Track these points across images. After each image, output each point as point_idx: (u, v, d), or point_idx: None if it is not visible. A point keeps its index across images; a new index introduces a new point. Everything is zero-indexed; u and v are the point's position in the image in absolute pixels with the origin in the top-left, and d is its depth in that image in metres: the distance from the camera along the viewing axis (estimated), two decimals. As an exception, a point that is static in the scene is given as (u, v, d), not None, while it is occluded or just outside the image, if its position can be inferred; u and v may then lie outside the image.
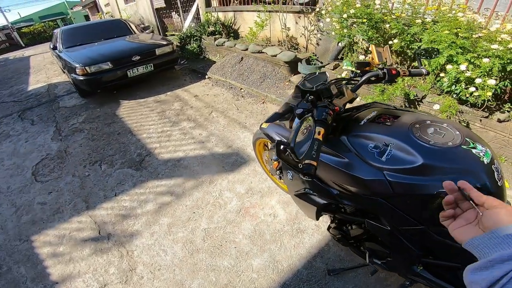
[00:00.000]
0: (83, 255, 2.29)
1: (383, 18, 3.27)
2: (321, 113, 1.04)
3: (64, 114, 5.13)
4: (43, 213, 2.82)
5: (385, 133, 1.11)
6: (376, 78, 1.39)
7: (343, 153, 1.18)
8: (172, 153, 3.47)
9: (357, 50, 3.91)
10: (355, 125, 1.24)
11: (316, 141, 0.91)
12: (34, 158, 3.86)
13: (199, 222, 2.46)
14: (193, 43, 6.79)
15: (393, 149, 1.05)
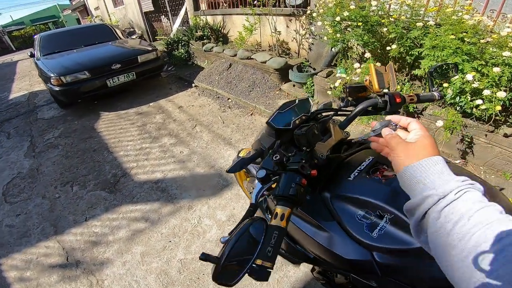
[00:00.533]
0: (51, 282, 2.22)
1: (380, 21, 3.04)
2: (288, 185, 0.76)
3: (41, 127, 4.93)
4: (10, 236, 2.72)
5: (382, 197, 0.85)
6: (374, 108, 1.07)
7: (322, 221, 0.92)
8: (150, 174, 3.27)
9: (352, 56, 3.71)
10: (342, 180, 0.96)
11: (275, 231, 0.67)
12: (6, 177, 3.68)
13: (175, 252, 2.30)
14: (181, 48, 6.60)
15: (389, 222, 0.81)
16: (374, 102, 1.03)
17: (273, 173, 0.84)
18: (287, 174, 0.79)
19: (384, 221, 0.81)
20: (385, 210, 0.82)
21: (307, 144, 0.89)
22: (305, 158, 0.86)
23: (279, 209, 0.71)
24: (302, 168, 0.79)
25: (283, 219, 0.69)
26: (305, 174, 0.79)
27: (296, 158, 0.85)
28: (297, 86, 4.41)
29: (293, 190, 0.75)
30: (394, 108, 1.02)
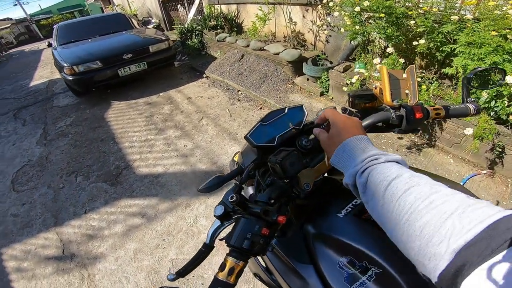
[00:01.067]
0: (46, 273, 2.21)
1: (407, 13, 2.71)
2: (243, 235, 0.61)
3: (55, 114, 4.96)
4: (14, 226, 2.73)
5: (373, 245, 0.67)
6: (385, 124, 0.84)
7: (298, 264, 0.75)
8: (151, 167, 3.17)
9: (373, 50, 3.40)
10: (331, 215, 0.78)
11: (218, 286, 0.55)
12: (17, 164, 3.71)
13: (168, 251, 2.21)
14: (194, 38, 6.43)
15: (374, 277, 0.63)
16: (385, 116, 0.81)
17: (233, 211, 0.67)
18: (244, 220, 0.62)
19: (369, 275, 0.62)
20: (374, 262, 0.63)
21: (283, 175, 0.69)
22: (277, 194, 0.67)
23: (230, 261, 0.58)
24: (265, 214, 0.61)
25: (232, 274, 0.57)
26: (269, 221, 0.62)
27: (264, 196, 0.66)
28: (311, 80, 4.15)
29: (248, 242, 0.59)
30: (412, 125, 0.79)
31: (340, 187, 0.85)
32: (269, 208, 0.63)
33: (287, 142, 0.78)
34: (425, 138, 2.77)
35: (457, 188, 0.76)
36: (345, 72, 3.55)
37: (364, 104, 0.86)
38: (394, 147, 2.77)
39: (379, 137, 2.94)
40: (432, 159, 2.58)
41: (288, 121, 0.79)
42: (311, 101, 3.88)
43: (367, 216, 0.71)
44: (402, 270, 0.60)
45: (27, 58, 11.44)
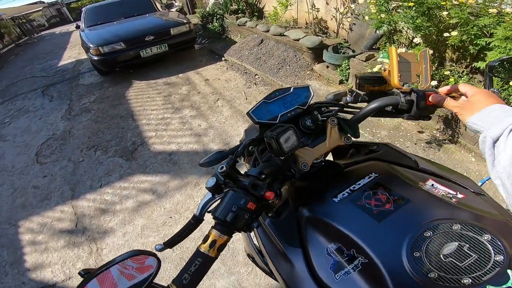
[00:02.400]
0: (57, 246, 2.22)
1: (441, 4, 2.48)
2: (228, 207, 0.58)
3: (80, 92, 5.02)
4: (34, 198, 2.76)
5: (363, 233, 0.62)
6: (394, 109, 0.78)
7: (288, 247, 0.70)
8: (166, 144, 3.13)
9: (399, 40, 3.15)
10: (326, 199, 0.73)
11: (198, 258, 0.55)
12: (42, 137, 3.79)
13: (174, 228, 2.17)
14: (215, 22, 6.28)
15: (360, 266, 0.58)
16: (394, 100, 0.74)
17: (224, 184, 0.64)
18: (232, 193, 0.60)
19: (355, 264, 0.58)
20: (361, 251, 0.59)
21: (278, 151, 0.66)
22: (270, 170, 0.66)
23: (213, 233, 0.57)
24: (253, 187, 0.60)
25: (213, 247, 0.56)
26: (256, 195, 0.60)
27: (255, 170, 0.65)
28: (331, 68, 3.93)
29: (231, 216, 0.57)
30: (422, 112, 0.72)
31: (341, 171, 0.80)
32: (257, 182, 0.61)
33: (290, 121, 0.74)
34: (447, 133, 2.55)
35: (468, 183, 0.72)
36: (367, 61, 3.33)
37: (372, 87, 0.80)
38: (413, 140, 2.58)
39: (399, 129, 2.74)
40: (452, 156, 2.38)
41: (293, 100, 0.77)
42: (329, 89, 3.69)
43: (361, 203, 0.67)
44: (389, 262, 0.55)
45: (57, 39, 11.65)
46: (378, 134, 2.72)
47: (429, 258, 0.53)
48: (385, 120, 2.85)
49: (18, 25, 14.97)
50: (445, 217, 0.59)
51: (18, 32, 14.37)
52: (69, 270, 2.02)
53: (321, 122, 0.78)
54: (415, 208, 0.63)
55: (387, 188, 0.69)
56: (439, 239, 0.55)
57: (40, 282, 1.98)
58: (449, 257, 0.53)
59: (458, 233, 0.55)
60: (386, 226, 0.61)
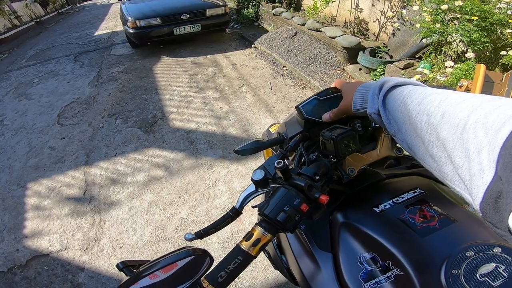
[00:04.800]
0: (60, 214, 2.14)
1: (506, 21, 2.26)
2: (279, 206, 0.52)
3: (110, 61, 4.98)
4: (48, 159, 2.71)
5: (404, 247, 0.58)
6: None
7: (317, 250, 0.66)
8: (185, 122, 3.01)
9: (447, 52, 2.87)
10: (366, 208, 0.67)
11: (239, 256, 0.50)
12: (66, 99, 3.77)
13: (180, 209, 2.06)
14: (251, 8, 6.07)
15: (393, 278, 0.55)
16: None
17: (273, 179, 0.60)
18: (285, 190, 0.54)
19: (387, 276, 0.55)
20: (398, 264, 0.56)
21: (333, 153, 0.61)
22: (323, 170, 0.60)
23: (257, 231, 0.53)
24: (308, 189, 0.54)
25: (256, 246, 0.51)
26: (311, 197, 0.54)
27: (310, 170, 0.59)
28: (364, 71, 3.67)
29: (283, 216, 0.52)
30: None
31: (381, 181, 0.75)
32: (314, 184, 0.55)
33: (338, 122, 0.68)
34: None
35: None
36: (405, 69, 3.07)
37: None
38: None
39: None
40: None
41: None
42: (358, 90, 3.44)
43: (404, 218, 0.63)
44: (425, 277, 0.54)
45: (97, 10, 11.75)
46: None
47: (466, 277, 0.52)
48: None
49: (63, -7, 15.26)
50: (488, 239, 0.58)
51: (62, 1, 14.64)
52: (66, 240, 1.94)
53: (371, 129, 0.72)
54: (461, 228, 0.61)
55: (432, 206, 0.65)
56: (479, 260, 0.54)
57: (35, 250, 1.89)
58: (484, 276, 0.52)
59: (498, 256, 0.55)
60: (428, 243, 0.58)
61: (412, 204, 0.66)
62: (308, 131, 0.70)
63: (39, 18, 10.67)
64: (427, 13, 2.73)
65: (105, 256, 1.82)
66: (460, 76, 2.31)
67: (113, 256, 1.81)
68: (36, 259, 1.85)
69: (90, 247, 1.88)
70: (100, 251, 1.85)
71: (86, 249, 1.87)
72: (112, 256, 1.81)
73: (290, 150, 0.66)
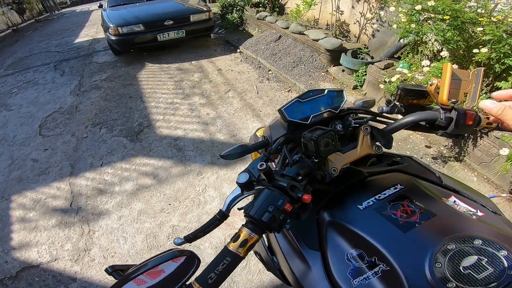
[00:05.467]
0: (48, 225, 2.12)
1: (476, 19, 2.37)
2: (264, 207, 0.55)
3: (92, 69, 4.94)
4: (31, 171, 2.67)
5: (388, 242, 0.61)
6: (429, 125, 0.76)
7: (306, 249, 0.69)
8: (172, 129, 3.02)
9: (423, 52, 3.00)
10: (350, 205, 0.71)
11: (227, 257, 0.52)
12: (48, 110, 3.72)
13: (171, 216, 2.07)
14: (235, 13, 6.15)
15: (380, 273, 0.58)
16: (433, 116, 0.72)
17: (257, 182, 0.63)
18: (268, 191, 0.57)
19: (375, 271, 0.58)
20: (384, 259, 0.59)
21: (315, 153, 0.64)
22: (305, 171, 0.63)
23: (244, 232, 0.54)
24: (291, 189, 0.57)
25: (244, 246, 0.53)
26: (294, 197, 0.56)
27: (292, 171, 0.61)
28: (347, 72, 3.79)
29: (268, 216, 0.54)
30: (459, 130, 0.71)
31: (364, 179, 0.78)
32: (296, 184, 0.58)
33: (320, 123, 0.72)
34: (454, 151, 2.43)
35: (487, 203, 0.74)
36: (385, 69, 3.20)
37: (411, 100, 0.78)
38: (419, 154, 2.44)
39: (407, 141, 2.61)
40: (455, 174, 2.26)
41: (326, 103, 0.75)
42: (343, 91, 3.55)
43: (387, 213, 0.66)
44: (410, 271, 0.56)
45: (77, 17, 11.58)
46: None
47: (449, 269, 0.55)
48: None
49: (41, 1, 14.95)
50: (468, 232, 0.61)
51: (40, 8, 14.35)
52: (56, 251, 1.92)
53: (351, 129, 0.76)
54: (441, 221, 0.64)
55: (413, 201, 0.68)
56: (461, 252, 0.57)
57: (24, 261, 1.88)
58: (467, 269, 0.55)
59: (479, 248, 0.58)
60: (411, 237, 0.61)
61: (394, 200, 0.69)
62: (291, 133, 0.73)
63: (16, 25, 10.43)
64: (403, 13, 2.85)
65: (97, 265, 1.82)
66: (437, 75, 2.43)
67: (105, 265, 1.79)
68: (27, 270, 1.84)
69: (81, 257, 1.87)
70: (91, 261, 1.84)
71: (77, 259, 1.86)
72: (104, 266, 1.81)
73: (273, 152, 0.69)
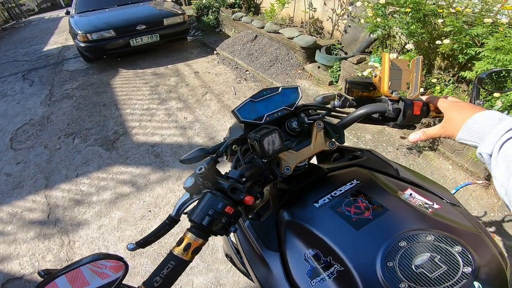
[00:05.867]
0: (27, 238, 2.10)
1: (437, 11, 2.45)
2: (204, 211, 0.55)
3: (63, 78, 4.80)
4: (5, 186, 2.60)
5: (340, 241, 0.62)
6: (381, 117, 0.76)
7: (266, 251, 0.67)
8: (149, 136, 2.99)
9: (392, 45, 3.11)
10: (307, 204, 0.71)
11: (171, 261, 0.52)
12: (18, 122, 3.59)
13: (152, 223, 2.06)
14: (211, 14, 6.14)
15: (335, 274, 0.57)
16: (382, 108, 0.73)
17: (203, 185, 0.60)
18: (209, 195, 0.57)
19: (330, 271, 0.57)
20: (338, 259, 0.59)
21: (261, 154, 0.63)
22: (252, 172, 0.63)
23: (188, 236, 0.55)
24: (232, 191, 0.58)
25: (188, 251, 0.53)
26: (236, 199, 0.57)
27: (235, 173, 0.62)
28: (322, 69, 3.87)
29: (208, 219, 0.54)
30: (408, 121, 0.71)
31: (323, 176, 0.78)
32: (237, 186, 0.58)
33: (276, 122, 0.73)
34: (428, 141, 2.53)
35: (445, 194, 0.73)
36: (358, 64, 3.29)
37: (361, 92, 0.79)
38: (395, 145, 2.53)
39: (382, 133, 2.70)
40: (430, 163, 2.35)
41: (280, 101, 0.75)
42: (318, 89, 3.63)
43: (341, 210, 0.66)
44: (363, 271, 0.55)
45: (45, 24, 11.17)
46: (362, 137, 2.66)
47: (402, 268, 0.54)
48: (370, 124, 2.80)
49: (6, 9, 14.34)
50: (420, 227, 0.59)
51: (6, 16, 13.75)
52: (38, 262, 1.91)
53: (307, 125, 0.76)
54: (393, 217, 0.63)
55: (367, 196, 0.68)
56: (413, 250, 0.56)
57: (7, 274, 1.87)
58: (420, 267, 0.53)
59: (431, 244, 0.56)
60: (363, 235, 0.60)
61: (349, 196, 0.69)
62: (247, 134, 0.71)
63: (-20, 35, 9.95)
64: (370, 8, 2.93)
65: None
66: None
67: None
68: (11, 282, 1.83)
69: (49, 268, 1.84)
70: (72, 272, 1.82)
71: (60, 269, 1.84)
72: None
73: (220, 155, 0.67)
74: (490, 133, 0.51)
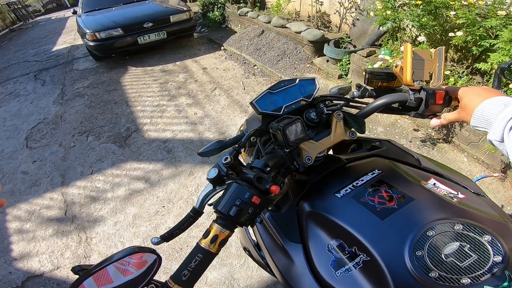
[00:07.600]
0: (45, 235, 2.14)
1: (449, 3, 2.43)
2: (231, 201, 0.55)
3: (74, 77, 4.88)
4: (22, 184, 2.67)
5: (366, 231, 0.61)
6: (401, 106, 0.77)
7: (287, 242, 0.67)
8: (161, 132, 3.04)
9: (402, 38, 3.09)
10: (328, 194, 0.70)
11: (199, 254, 0.52)
12: (32, 121, 3.68)
13: (166, 218, 2.11)
14: (216, 10, 6.15)
15: (361, 264, 0.57)
16: (403, 97, 0.73)
17: (227, 176, 0.60)
18: (236, 185, 0.56)
19: (356, 261, 0.57)
20: (363, 249, 0.58)
21: (284, 143, 0.64)
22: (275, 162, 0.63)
23: (215, 228, 0.54)
24: (258, 180, 0.56)
25: (215, 243, 0.53)
26: (261, 189, 0.56)
27: (259, 162, 0.61)
28: (331, 62, 3.86)
29: (235, 210, 0.54)
30: (430, 110, 0.71)
31: (343, 166, 0.78)
32: (263, 175, 0.57)
33: (294, 113, 0.73)
34: (442, 133, 2.51)
35: (469, 183, 0.72)
36: (368, 57, 3.27)
37: (380, 82, 0.79)
38: (408, 138, 2.53)
39: (395, 126, 2.69)
40: (445, 155, 2.33)
41: (298, 92, 0.75)
42: (327, 83, 3.62)
43: (364, 200, 0.65)
44: (391, 261, 0.55)
45: (52, 25, 11.32)
46: (374, 130, 2.66)
47: (431, 257, 0.53)
48: (382, 116, 2.79)
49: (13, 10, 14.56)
50: (448, 216, 0.58)
51: (13, 18, 13.98)
52: (57, 259, 1.95)
53: (325, 116, 0.76)
54: (419, 207, 0.62)
55: (391, 186, 0.67)
56: (441, 239, 0.55)
57: (27, 271, 1.91)
58: (450, 256, 0.53)
59: (460, 233, 0.55)
60: (389, 224, 0.60)
61: (371, 186, 0.68)
62: (266, 125, 0.72)
63: (-11, 37, 10.17)
64: (379, 1, 2.92)
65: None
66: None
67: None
68: (31, 279, 1.87)
69: (82, 264, 1.90)
70: (92, 267, 1.88)
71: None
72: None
73: (242, 146, 0.68)
74: (496, 120, 0.52)
